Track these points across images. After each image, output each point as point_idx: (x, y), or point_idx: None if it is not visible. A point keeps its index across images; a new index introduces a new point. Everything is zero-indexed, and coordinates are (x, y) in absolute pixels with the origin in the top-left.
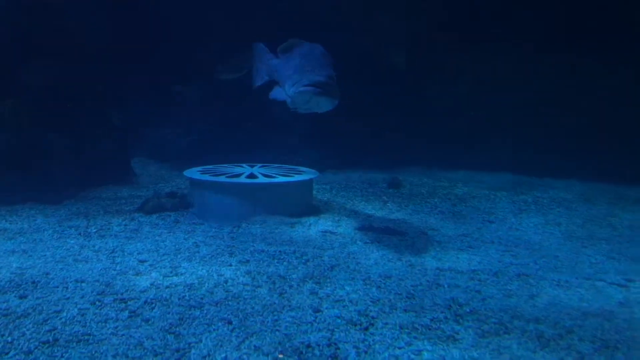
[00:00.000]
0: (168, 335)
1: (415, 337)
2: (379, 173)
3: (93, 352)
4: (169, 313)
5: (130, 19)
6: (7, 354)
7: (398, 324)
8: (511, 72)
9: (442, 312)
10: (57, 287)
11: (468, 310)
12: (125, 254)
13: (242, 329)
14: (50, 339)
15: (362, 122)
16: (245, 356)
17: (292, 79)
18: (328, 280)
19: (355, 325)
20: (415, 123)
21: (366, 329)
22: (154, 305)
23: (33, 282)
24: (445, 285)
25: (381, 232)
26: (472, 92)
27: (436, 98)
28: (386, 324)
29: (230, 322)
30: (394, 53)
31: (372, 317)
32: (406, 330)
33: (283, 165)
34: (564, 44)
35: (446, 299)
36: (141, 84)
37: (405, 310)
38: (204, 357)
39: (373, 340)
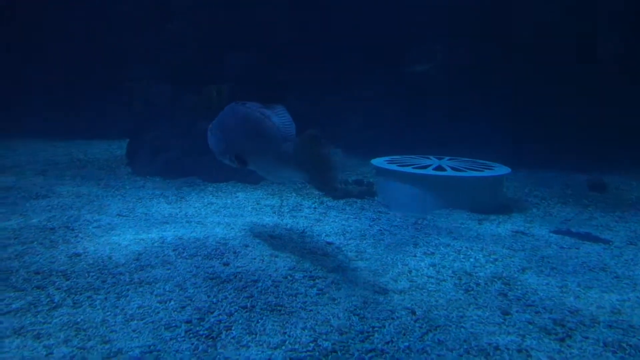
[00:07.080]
0: (353, 317)
1: (622, 358)
2: (579, 174)
3: (284, 323)
4: (354, 295)
5: (313, 14)
6: (212, 313)
7: (602, 340)
8: None
9: None
10: (255, 258)
11: None
12: (314, 234)
13: (426, 320)
14: (248, 305)
15: (561, 116)
16: (428, 348)
17: None
18: (519, 282)
19: (550, 334)
20: (626, 118)
21: (562, 340)
22: (341, 286)
23: (234, 252)
24: None
25: (581, 238)
26: None
27: None
28: (586, 337)
29: (414, 312)
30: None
31: (570, 329)
32: (611, 348)
33: (472, 159)
34: None
35: None
36: (326, 76)
37: (609, 326)
38: (387, 342)
39: (571, 354)
